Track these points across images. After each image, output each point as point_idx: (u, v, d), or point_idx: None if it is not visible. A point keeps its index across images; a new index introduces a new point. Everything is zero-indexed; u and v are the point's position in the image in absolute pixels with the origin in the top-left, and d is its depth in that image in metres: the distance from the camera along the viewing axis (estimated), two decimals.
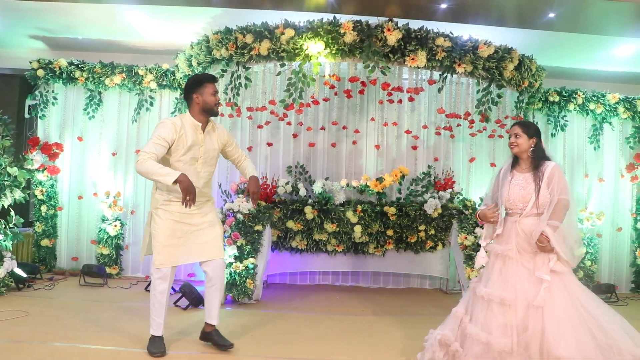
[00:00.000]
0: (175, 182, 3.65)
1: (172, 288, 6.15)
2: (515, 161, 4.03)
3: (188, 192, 3.66)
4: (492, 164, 7.09)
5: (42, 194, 7.00)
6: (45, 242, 7.03)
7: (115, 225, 6.93)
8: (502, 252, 3.89)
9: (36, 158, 6.87)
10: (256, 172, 4.40)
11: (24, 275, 6.07)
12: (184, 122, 3.98)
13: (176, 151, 3.92)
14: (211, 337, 4.25)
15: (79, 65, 7.03)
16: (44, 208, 7.02)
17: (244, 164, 4.43)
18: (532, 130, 3.96)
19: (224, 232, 5.85)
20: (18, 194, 6.04)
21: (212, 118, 4.16)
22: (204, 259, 4.13)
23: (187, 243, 4.07)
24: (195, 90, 4.02)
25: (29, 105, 7.38)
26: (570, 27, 5.91)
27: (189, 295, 5.51)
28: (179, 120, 3.98)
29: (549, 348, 3.52)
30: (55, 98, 7.16)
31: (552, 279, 3.68)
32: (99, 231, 7.02)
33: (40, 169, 6.94)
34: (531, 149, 3.93)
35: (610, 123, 7.47)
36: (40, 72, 7.01)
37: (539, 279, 3.69)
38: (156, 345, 4.04)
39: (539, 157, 3.91)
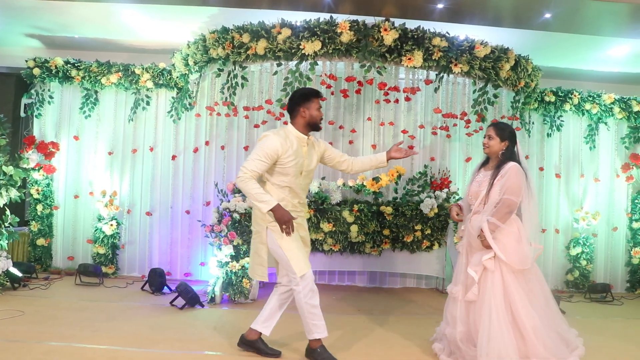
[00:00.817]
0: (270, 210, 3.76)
1: (168, 287, 6.19)
2: (487, 159, 4.16)
3: (282, 221, 3.78)
4: None
5: (38, 193, 6.99)
6: (41, 242, 7.02)
7: (112, 225, 6.92)
8: (459, 248, 4.16)
9: (32, 157, 6.85)
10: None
11: (20, 274, 6.07)
12: (289, 135, 3.97)
13: (281, 164, 3.90)
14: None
15: (75, 64, 7.02)
16: (39, 207, 7.01)
17: (356, 159, 4.40)
18: (506, 134, 4.01)
19: (220, 231, 5.87)
20: (14, 193, 6.03)
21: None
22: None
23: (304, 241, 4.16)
24: (302, 104, 4.00)
25: (25, 104, 7.37)
26: (566, 27, 5.93)
27: (185, 295, 5.50)
28: (283, 133, 3.96)
29: (482, 345, 3.69)
30: (51, 97, 7.14)
31: (489, 275, 3.81)
32: (95, 230, 7.00)
33: (36, 168, 6.92)
34: (501, 151, 4.00)
35: (605, 123, 7.50)
36: (37, 71, 6.98)
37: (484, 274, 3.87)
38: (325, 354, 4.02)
39: (506, 159, 3.97)
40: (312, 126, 4.06)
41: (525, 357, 3.70)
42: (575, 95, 7.29)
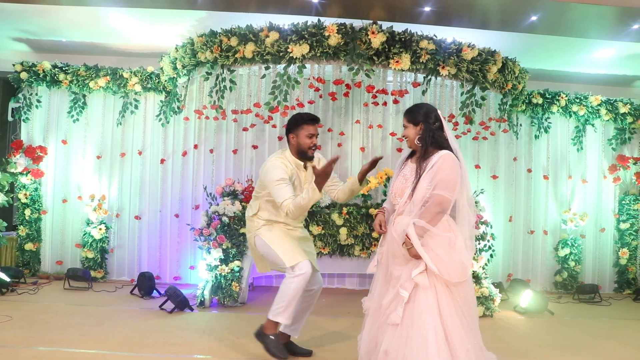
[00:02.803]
0: (320, 189, 3.60)
1: (158, 291, 6.17)
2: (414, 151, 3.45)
3: (323, 176, 3.59)
4: (477, 166, 7.14)
5: (26, 198, 6.94)
6: (29, 246, 6.97)
7: (100, 229, 6.89)
8: (377, 256, 3.43)
9: (20, 161, 6.82)
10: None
11: (8, 279, 6.04)
12: (287, 161, 3.92)
13: None
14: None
15: (63, 68, 6.99)
16: (27, 212, 6.96)
17: (339, 190, 4.11)
18: (419, 116, 3.33)
19: (209, 235, 5.86)
20: (1, 198, 6.01)
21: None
22: (315, 267, 4.03)
23: (304, 247, 4.03)
24: (292, 130, 3.94)
25: (12, 108, 7.32)
26: (553, 30, 5.97)
27: (175, 299, 5.49)
28: (284, 159, 3.91)
29: None
30: (39, 101, 7.11)
31: (421, 294, 3.07)
32: (84, 235, 6.97)
33: (24, 172, 6.89)
34: (418, 136, 3.32)
35: (592, 125, 7.55)
36: (24, 75, 6.95)
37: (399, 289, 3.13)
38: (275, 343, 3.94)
39: (427, 144, 3.27)
40: (302, 154, 3.92)
41: None
42: (562, 97, 7.34)
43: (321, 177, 3.59)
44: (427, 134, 3.26)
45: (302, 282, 3.78)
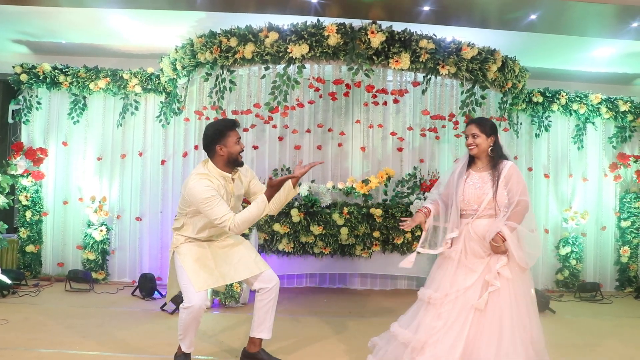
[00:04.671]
0: (269, 199, 3.68)
1: (159, 292, 6.17)
2: (472, 159, 3.85)
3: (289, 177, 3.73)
4: None
5: (27, 200, 6.94)
6: (30, 248, 6.97)
7: (101, 230, 6.89)
8: (447, 254, 3.75)
9: (20, 163, 6.83)
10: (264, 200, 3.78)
11: (9, 281, 6.04)
12: (212, 176, 3.72)
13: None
14: (260, 356, 4.02)
15: (63, 70, 6.99)
16: (28, 214, 6.96)
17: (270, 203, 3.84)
18: (489, 128, 3.76)
19: None
20: (2, 200, 6.02)
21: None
22: (245, 276, 3.88)
23: (221, 267, 3.85)
24: (218, 141, 3.72)
25: (13, 110, 7.30)
26: (552, 28, 5.96)
27: (176, 300, 5.42)
28: (204, 175, 3.69)
29: (481, 356, 3.41)
30: (39, 103, 7.11)
31: (501, 284, 3.53)
32: (85, 236, 6.97)
33: (25, 175, 6.89)
34: (490, 148, 3.75)
35: (593, 123, 7.55)
36: (24, 77, 6.95)
37: (485, 282, 3.55)
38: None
39: (498, 156, 3.74)
40: (233, 162, 3.79)
41: None
42: (562, 96, 7.34)
43: (274, 189, 3.68)
44: (498, 146, 3.76)
45: (190, 315, 3.63)
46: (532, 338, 3.51)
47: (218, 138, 3.72)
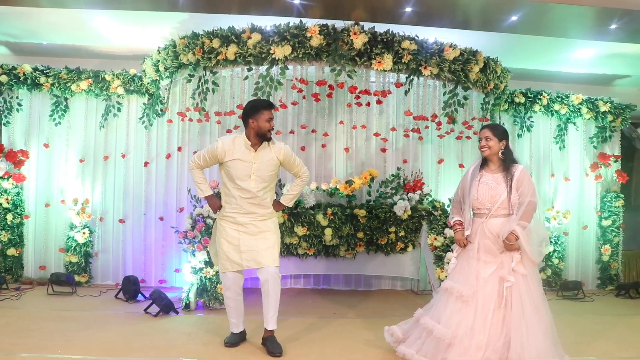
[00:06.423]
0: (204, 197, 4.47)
1: (142, 295, 6.14)
2: (484, 162, 4.19)
3: (213, 208, 4.50)
4: (461, 165, 7.19)
5: (8, 202, 6.86)
6: (11, 251, 6.90)
7: (84, 233, 6.84)
8: (465, 251, 4.13)
9: (0, 166, 6.75)
10: (290, 200, 4.60)
11: None
12: (237, 142, 4.31)
13: (227, 166, 4.28)
14: (265, 342, 4.35)
15: (44, 71, 6.92)
16: (9, 216, 6.88)
17: (293, 183, 4.63)
18: (501, 133, 4.11)
19: (194, 237, 5.85)
20: None
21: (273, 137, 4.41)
22: (258, 266, 4.29)
23: (245, 249, 4.30)
24: (252, 115, 4.27)
25: None
26: (533, 29, 6.03)
27: (160, 302, 5.46)
28: (232, 138, 4.34)
29: (517, 350, 3.72)
30: (19, 104, 7.03)
31: (517, 280, 3.88)
32: (67, 239, 6.91)
33: (5, 177, 6.81)
34: (501, 151, 4.09)
35: (574, 123, 7.63)
36: (4, 78, 6.86)
37: (501, 278, 3.91)
38: (230, 337, 4.48)
39: (509, 159, 4.08)
40: (261, 136, 4.30)
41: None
42: (544, 97, 7.41)
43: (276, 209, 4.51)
44: (508, 150, 4.10)
45: (225, 293, 4.53)
46: (547, 329, 3.82)
47: (253, 113, 4.28)
